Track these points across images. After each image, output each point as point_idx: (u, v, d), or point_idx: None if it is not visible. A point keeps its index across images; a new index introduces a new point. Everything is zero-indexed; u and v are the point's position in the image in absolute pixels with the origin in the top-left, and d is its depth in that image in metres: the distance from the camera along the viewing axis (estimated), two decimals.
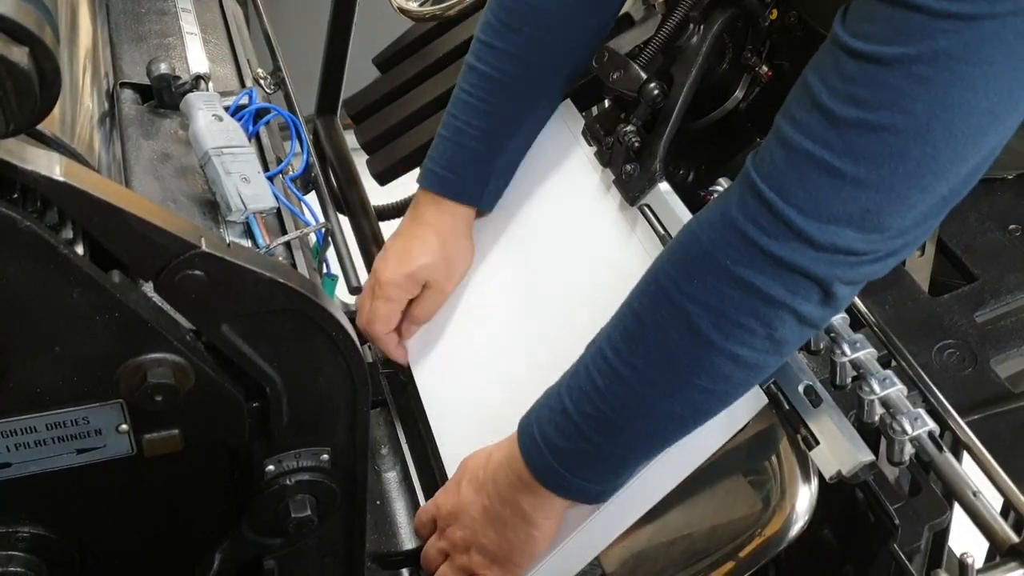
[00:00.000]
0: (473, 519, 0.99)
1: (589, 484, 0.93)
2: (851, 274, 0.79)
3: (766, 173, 0.78)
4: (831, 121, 0.74)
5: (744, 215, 0.79)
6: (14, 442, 0.77)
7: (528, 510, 0.95)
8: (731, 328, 0.81)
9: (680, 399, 0.86)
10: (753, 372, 0.84)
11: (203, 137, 0.89)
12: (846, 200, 0.75)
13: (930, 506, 0.94)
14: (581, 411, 0.89)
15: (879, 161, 0.73)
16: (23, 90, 0.62)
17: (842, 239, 0.76)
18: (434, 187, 1.17)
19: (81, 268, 0.70)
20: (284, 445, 0.86)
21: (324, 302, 0.79)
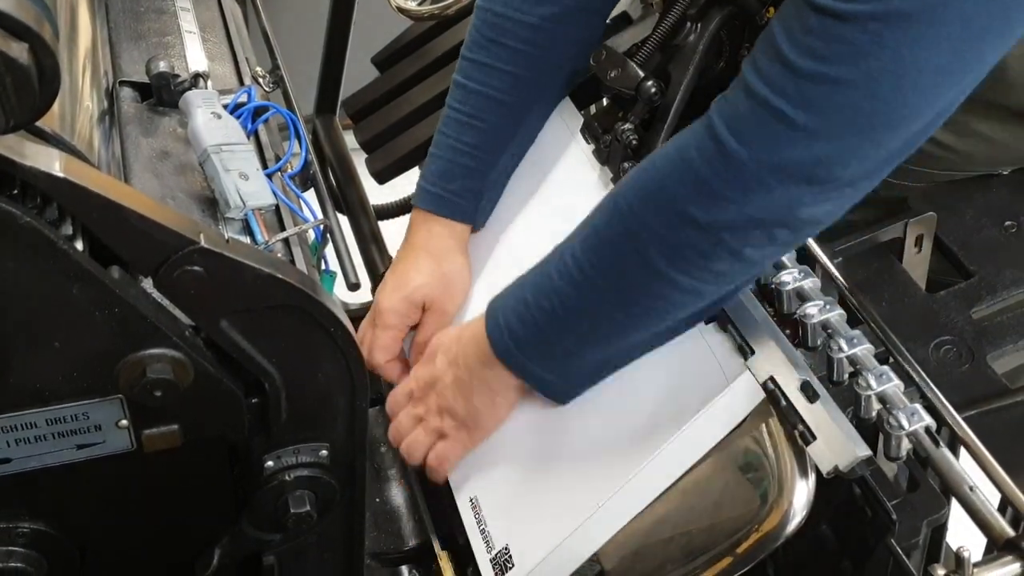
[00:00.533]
0: (446, 386, 1.06)
1: (545, 373, 1.00)
2: (795, 220, 0.83)
3: (727, 117, 0.82)
4: (790, 71, 0.77)
5: (700, 154, 0.83)
6: (14, 437, 0.77)
7: (492, 381, 1.03)
8: (674, 256, 0.87)
9: (622, 309, 0.93)
10: (692, 296, 0.90)
11: (202, 135, 0.90)
12: (799, 149, 0.79)
13: (927, 501, 0.94)
14: (539, 304, 0.97)
15: (832, 113, 0.77)
16: (22, 86, 0.62)
17: (790, 186, 0.80)
18: (427, 206, 1.18)
19: (81, 264, 0.71)
20: (283, 441, 0.87)
21: (323, 298, 0.79)
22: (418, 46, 1.56)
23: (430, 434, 1.10)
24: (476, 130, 1.15)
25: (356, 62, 1.73)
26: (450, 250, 1.18)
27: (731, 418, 0.94)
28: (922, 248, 1.22)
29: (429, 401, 1.09)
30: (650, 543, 1.01)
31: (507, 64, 1.13)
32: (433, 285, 1.17)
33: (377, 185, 1.56)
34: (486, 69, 1.13)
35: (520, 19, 1.10)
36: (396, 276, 1.17)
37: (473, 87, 1.14)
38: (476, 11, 1.14)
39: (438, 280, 1.17)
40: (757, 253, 0.86)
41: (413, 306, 1.16)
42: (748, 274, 0.91)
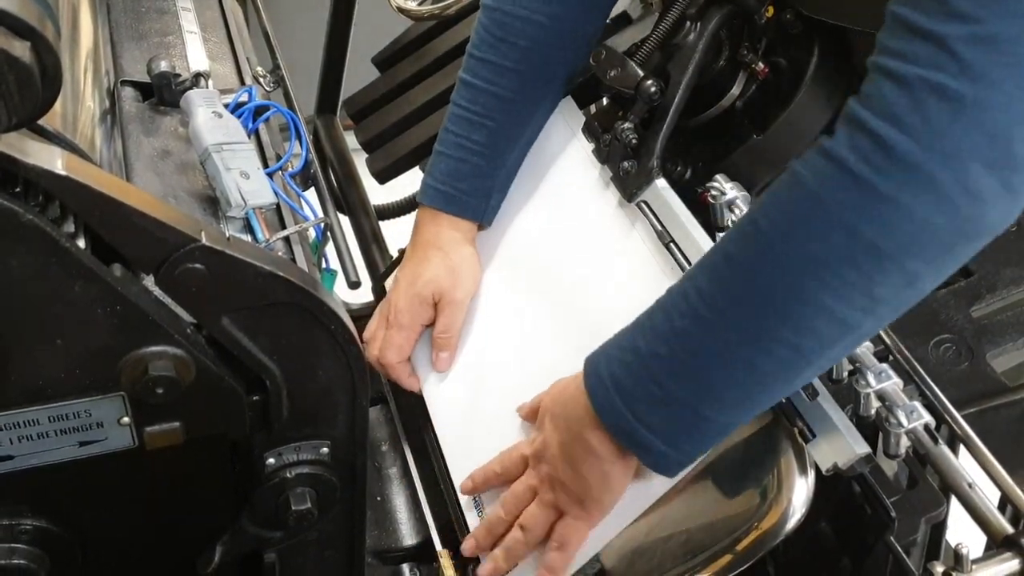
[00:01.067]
0: (554, 455, 0.95)
1: (654, 437, 0.86)
2: (975, 222, 0.71)
3: (875, 107, 0.70)
4: (937, 42, 0.68)
5: (855, 153, 0.71)
6: (16, 435, 0.78)
7: (596, 446, 0.90)
8: (829, 279, 0.74)
9: (763, 349, 0.79)
10: (844, 331, 0.77)
11: (203, 134, 0.90)
12: (969, 126, 0.68)
13: (927, 499, 0.94)
14: (653, 351, 0.84)
15: (999, 75, 0.67)
16: (25, 84, 0.62)
17: (967, 173, 0.69)
18: (435, 203, 1.16)
19: (83, 261, 0.71)
20: (284, 438, 0.87)
21: (323, 296, 0.79)
22: (418, 46, 1.56)
23: (546, 509, 0.97)
24: (486, 129, 1.15)
25: (357, 62, 1.74)
26: (457, 242, 1.17)
27: None
28: None
29: (541, 471, 0.98)
30: (650, 541, 1.01)
31: (516, 63, 1.12)
32: (442, 277, 1.15)
33: (378, 185, 1.56)
34: (494, 68, 1.13)
35: (528, 17, 1.10)
36: (406, 274, 1.16)
37: (481, 86, 1.14)
38: (483, 10, 1.14)
39: (446, 272, 1.16)
40: (929, 270, 0.74)
41: (424, 303, 1.14)
42: (909, 300, 0.77)
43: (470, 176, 1.16)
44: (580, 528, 0.96)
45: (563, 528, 0.96)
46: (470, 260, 1.18)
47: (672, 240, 1.03)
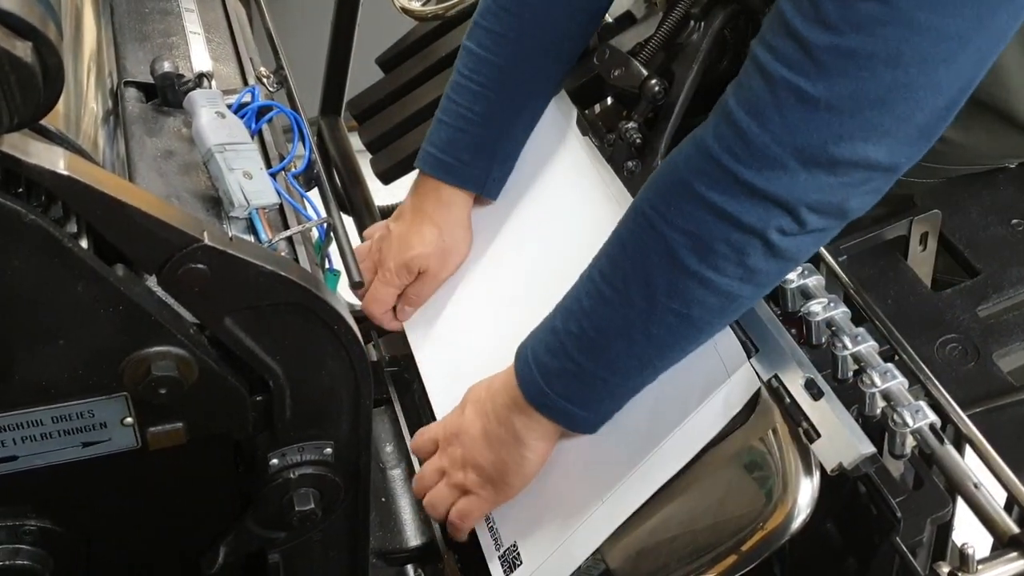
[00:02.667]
0: (472, 438, 1.02)
1: (573, 407, 0.95)
2: (821, 200, 0.80)
3: (743, 100, 0.79)
4: (804, 47, 0.75)
5: (719, 143, 0.81)
6: (20, 435, 0.78)
7: (520, 430, 0.98)
8: (705, 253, 0.83)
9: (656, 321, 0.88)
10: (726, 300, 0.86)
11: (206, 134, 0.90)
12: (820, 126, 0.76)
13: (932, 499, 0.94)
14: (568, 330, 0.93)
15: (851, 85, 0.74)
16: (27, 84, 0.62)
17: (815, 165, 0.78)
18: (436, 172, 1.18)
19: (85, 262, 0.71)
20: (288, 438, 0.87)
21: (326, 295, 0.79)
22: (422, 46, 1.56)
23: (452, 489, 1.06)
24: (487, 100, 1.15)
25: (360, 63, 1.74)
26: (456, 222, 1.20)
27: (729, 409, 0.94)
28: (927, 246, 1.22)
29: (454, 453, 1.06)
30: (655, 541, 1.01)
31: (518, 33, 1.13)
32: (433, 256, 1.20)
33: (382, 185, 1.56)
34: (496, 37, 1.13)
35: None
36: (401, 239, 1.20)
37: (484, 55, 1.14)
38: None
39: (437, 250, 1.20)
40: (790, 243, 0.83)
41: (410, 272, 1.20)
42: (783, 270, 0.88)
43: (471, 147, 1.17)
44: (483, 506, 1.05)
45: (466, 503, 1.05)
46: (462, 242, 1.22)
47: None
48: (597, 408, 0.96)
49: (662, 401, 0.98)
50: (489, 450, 1.01)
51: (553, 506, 1.04)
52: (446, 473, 1.07)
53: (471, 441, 1.03)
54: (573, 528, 1.01)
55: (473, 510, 1.05)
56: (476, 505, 1.05)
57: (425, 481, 1.09)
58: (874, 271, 1.19)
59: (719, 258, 0.83)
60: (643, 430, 0.97)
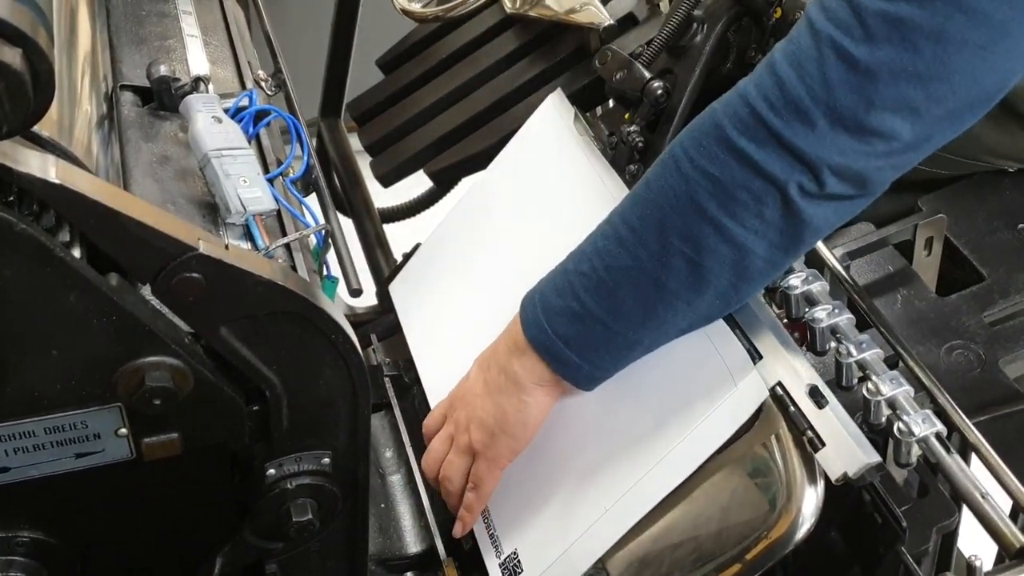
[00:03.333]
0: (475, 394, 1.01)
1: (570, 352, 0.93)
2: (842, 164, 0.80)
3: (788, 52, 0.80)
4: (855, 9, 0.76)
5: (757, 90, 0.81)
6: (12, 446, 0.77)
7: (518, 372, 0.96)
8: (724, 197, 0.83)
9: (666, 266, 0.87)
10: (738, 254, 0.85)
11: (202, 139, 0.89)
12: (855, 88, 0.77)
13: (938, 508, 0.93)
14: (578, 269, 0.92)
15: (892, 54, 0.75)
16: (16, 92, 0.61)
17: (842, 126, 0.78)
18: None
19: (78, 271, 0.70)
20: (285, 448, 0.86)
21: (323, 304, 0.78)
22: (423, 48, 1.55)
23: (462, 455, 1.03)
24: None
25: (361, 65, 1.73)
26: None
27: (735, 419, 0.93)
28: (932, 250, 1.21)
29: (458, 416, 1.03)
30: (658, 549, 1.00)
31: None
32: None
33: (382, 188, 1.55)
34: None
35: None
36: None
37: None
38: None
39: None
40: (808, 205, 0.82)
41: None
42: (798, 236, 0.85)
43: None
44: (493, 468, 1.01)
45: (476, 467, 1.02)
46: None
47: None
48: (593, 358, 0.93)
49: (666, 409, 0.96)
50: (489, 400, 0.99)
51: (555, 514, 1.02)
52: (453, 440, 1.04)
53: (473, 397, 1.01)
54: (575, 537, 1.00)
55: (483, 475, 1.02)
56: (485, 468, 1.02)
57: (435, 454, 1.06)
58: (879, 276, 1.18)
59: (738, 205, 0.83)
60: (647, 439, 0.95)
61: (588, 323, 0.91)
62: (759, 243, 0.85)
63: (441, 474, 1.05)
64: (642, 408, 0.98)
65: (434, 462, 1.06)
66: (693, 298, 0.89)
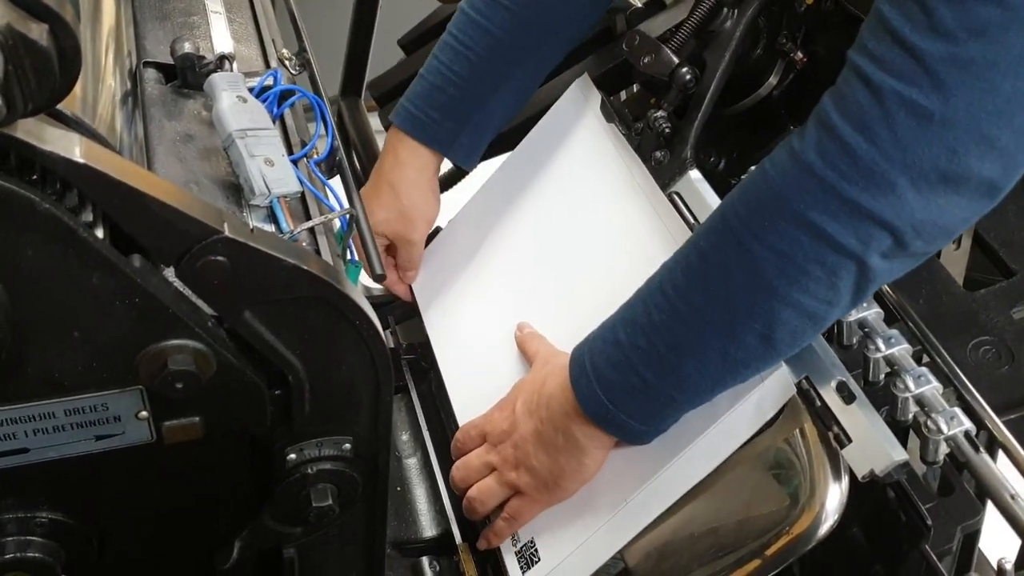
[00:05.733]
0: (525, 440, 0.99)
1: (633, 422, 0.92)
2: (927, 221, 0.75)
3: (847, 113, 0.75)
4: (916, 57, 0.71)
5: (823, 159, 0.76)
6: (32, 427, 0.76)
7: (580, 439, 0.95)
8: (795, 274, 0.79)
9: (735, 341, 0.84)
10: (811, 322, 0.82)
11: (227, 119, 0.87)
12: (933, 141, 0.72)
13: (963, 507, 0.92)
14: (634, 344, 0.89)
15: (969, 97, 0.70)
16: (42, 69, 0.60)
17: (925, 182, 0.73)
18: (405, 126, 1.17)
19: (101, 252, 0.69)
20: (306, 434, 0.85)
21: (348, 290, 0.77)
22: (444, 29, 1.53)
23: (504, 487, 1.03)
24: (467, 61, 1.14)
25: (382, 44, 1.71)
26: (412, 182, 1.18)
27: (761, 415, 0.92)
28: (960, 244, 1.19)
29: (505, 451, 1.03)
30: (677, 541, 1.00)
31: (516, 3, 1.12)
32: (392, 221, 1.20)
33: None
34: (494, 4, 1.12)
35: None
36: (366, 199, 1.18)
37: (477, 19, 1.13)
38: None
39: (397, 215, 1.19)
40: (884, 265, 0.78)
41: (381, 236, 1.21)
42: (868, 293, 0.82)
43: (442, 105, 1.16)
44: (535, 508, 1.02)
45: (519, 504, 1.02)
46: (425, 207, 1.21)
47: None
48: (658, 423, 0.93)
49: None
50: (545, 454, 0.98)
51: (575, 505, 1.02)
52: (497, 470, 1.04)
53: (525, 443, 1.00)
54: (595, 529, 0.99)
55: (524, 512, 1.03)
56: (528, 507, 1.02)
57: (471, 473, 1.06)
58: None
59: (810, 280, 0.79)
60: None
61: (653, 396, 0.90)
62: (833, 311, 0.82)
63: (474, 494, 1.05)
64: None
65: (467, 479, 1.07)
66: (762, 364, 0.88)
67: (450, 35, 1.16)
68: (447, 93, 1.15)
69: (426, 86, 1.17)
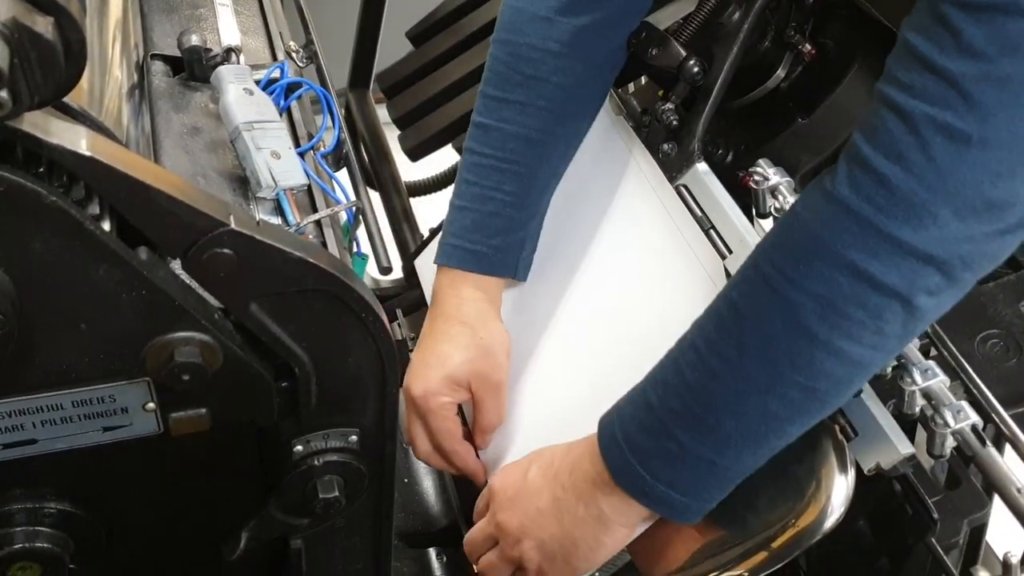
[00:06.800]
0: (538, 510, 0.91)
1: (673, 492, 0.84)
2: (974, 251, 0.71)
3: (880, 144, 0.70)
4: (948, 79, 0.67)
5: (857, 193, 0.71)
6: (40, 419, 0.76)
7: (606, 511, 0.87)
8: (837, 319, 0.74)
9: (777, 396, 0.78)
10: (856, 370, 0.77)
11: (233, 111, 0.88)
12: (974, 165, 0.68)
13: (969, 500, 0.92)
14: (667, 407, 0.82)
15: (1008, 116, 0.66)
16: (48, 62, 0.60)
17: (969, 210, 0.69)
18: (464, 264, 1.04)
19: (107, 245, 0.69)
20: (312, 426, 0.85)
21: (354, 283, 0.77)
22: (452, 21, 1.54)
23: (506, 564, 0.94)
24: (517, 176, 1.03)
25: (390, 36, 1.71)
26: (485, 314, 1.04)
27: None
28: None
29: (509, 522, 0.93)
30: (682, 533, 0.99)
31: (548, 100, 1.02)
32: (476, 360, 1.02)
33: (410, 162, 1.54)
34: (522, 107, 1.02)
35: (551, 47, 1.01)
36: (430, 355, 1.02)
37: (509, 129, 1.03)
38: (494, 44, 1.03)
39: (479, 355, 1.02)
40: (932, 303, 0.73)
41: (459, 386, 1.02)
42: (916, 334, 0.78)
43: (503, 230, 1.04)
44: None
45: None
46: (501, 336, 1.05)
47: (712, 226, 1.01)
48: (702, 494, 0.85)
49: None
50: (558, 525, 0.89)
51: None
52: (498, 543, 0.94)
53: (536, 513, 0.91)
54: None
55: None
56: None
57: (475, 547, 0.97)
58: None
59: (853, 325, 0.73)
60: None
61: (691, 462, 0.83)
62: (878, 356, 0.76)
63: (481, 569, 0.97)
64: None
65: (472, 553, 0.98)
66: (808, 419, 0.81)
67: (479, 155, 1.04)
68: (503, 215, 1.04)
69: (477, 216, 1.03)
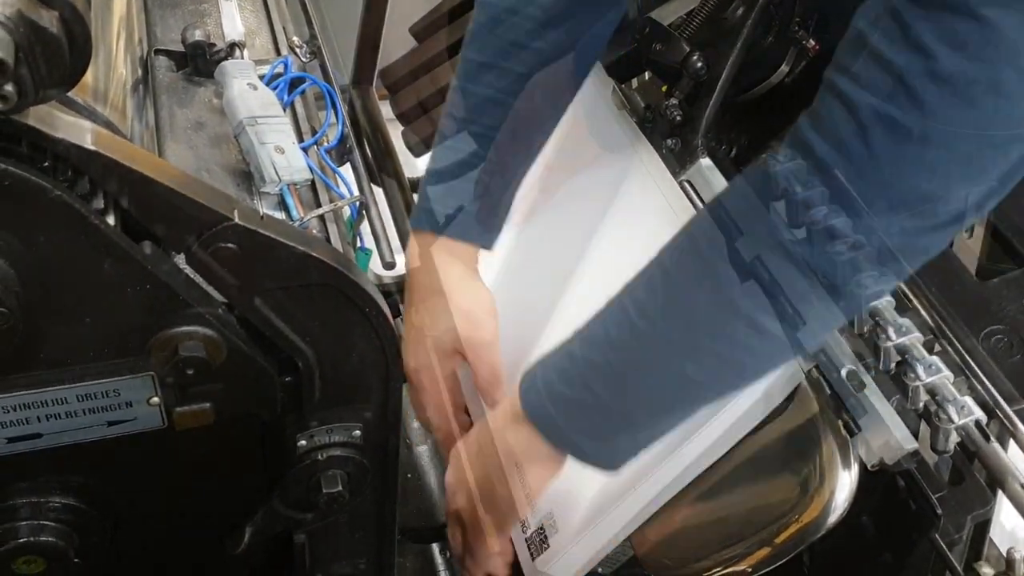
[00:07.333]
0: (467, 459, 0.95)
1: (583, 439, 0.87)
2: (903, 244, 0.72)
3: (823, 131, 0.71)
4: (894, 73, 0.67)
5: (796, 178, 0.72)
6: (44, 413, 0.77)
7: (518, 450, 0.90)
8: (762, 297, 0.75)
9: (694, 361, 0.80)
10: (777, 347, 0.78)
11: (237, 106, 0.88)
12: (911, 160, 0.68)
13: (973, 496, 0.92)
14: (588, 359, 0.84)
15: (949, 114, 0.67)
16: (53, 56, 0.60)
17: (900, 203, 0.70)
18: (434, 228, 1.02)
19: (112, 239, 0.69)
20: (316, 420, 0.85)
21: (358, 277, 0.77)
22: (456, 16, 1.53)
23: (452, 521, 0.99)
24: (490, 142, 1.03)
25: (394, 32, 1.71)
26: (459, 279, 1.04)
27: (769, 402, 0.92)
28: (973, 232, 1.19)
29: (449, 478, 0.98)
30: (685, 529, 0.99)
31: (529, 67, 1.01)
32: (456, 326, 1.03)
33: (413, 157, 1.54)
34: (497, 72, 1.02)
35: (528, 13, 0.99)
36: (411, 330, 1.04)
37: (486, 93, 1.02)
38: (478, 7, 1.02)
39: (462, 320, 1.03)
40: (861, 291, 0.75)
41: (445, 355, 1.03)
42: (843, 320, 0.80)
43: (475, 196, 1.03)
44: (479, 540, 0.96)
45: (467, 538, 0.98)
46: (478, 296, 1.05)
47: None
48: (611, 443, 0.87)
49: None
50: (480, 469, 0.93)
51: (582, 492, 1.02)
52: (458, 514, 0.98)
53: (465, 462, 0.95)
54: (603, 516, 0.99)
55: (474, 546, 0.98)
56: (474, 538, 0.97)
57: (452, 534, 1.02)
58: None
59: (776, 304, 0.75)
60: None
61: (604, 414, 0.85)
62: (804, 338, 0.78)
63: None
64: None
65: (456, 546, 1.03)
66: (726, 389, 0.84)
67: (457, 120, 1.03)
68: (477, 181, 1.03)
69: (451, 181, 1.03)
